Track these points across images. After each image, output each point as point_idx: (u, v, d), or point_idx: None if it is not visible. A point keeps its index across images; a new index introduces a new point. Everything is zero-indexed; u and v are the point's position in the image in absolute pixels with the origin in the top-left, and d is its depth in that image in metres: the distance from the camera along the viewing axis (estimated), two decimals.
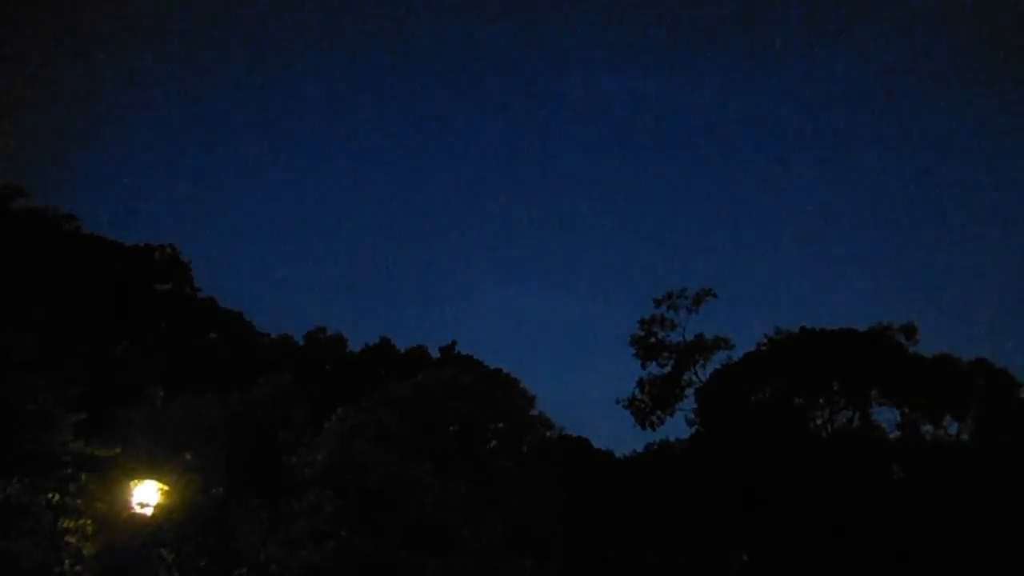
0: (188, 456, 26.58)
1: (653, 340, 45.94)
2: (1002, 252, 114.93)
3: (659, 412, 45.39)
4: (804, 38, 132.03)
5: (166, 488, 22.32)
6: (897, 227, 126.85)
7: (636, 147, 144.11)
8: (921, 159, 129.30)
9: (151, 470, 23.03)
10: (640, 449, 45.35)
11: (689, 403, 45.13)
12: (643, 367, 45.96)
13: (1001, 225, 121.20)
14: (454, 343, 48.21)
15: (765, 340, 44.29)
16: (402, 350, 47.20)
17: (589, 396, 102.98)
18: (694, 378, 45.37)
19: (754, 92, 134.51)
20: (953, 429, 40.44)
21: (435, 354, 47.52)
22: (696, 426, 44.49)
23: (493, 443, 35.68)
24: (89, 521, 22.58)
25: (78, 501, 22.71)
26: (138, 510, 21.14)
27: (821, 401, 42.17)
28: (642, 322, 46.30)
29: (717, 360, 44.98)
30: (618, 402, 45.72)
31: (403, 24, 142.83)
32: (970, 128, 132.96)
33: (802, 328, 43.81)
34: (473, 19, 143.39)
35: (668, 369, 45.70)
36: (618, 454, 46.77)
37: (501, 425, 36.37)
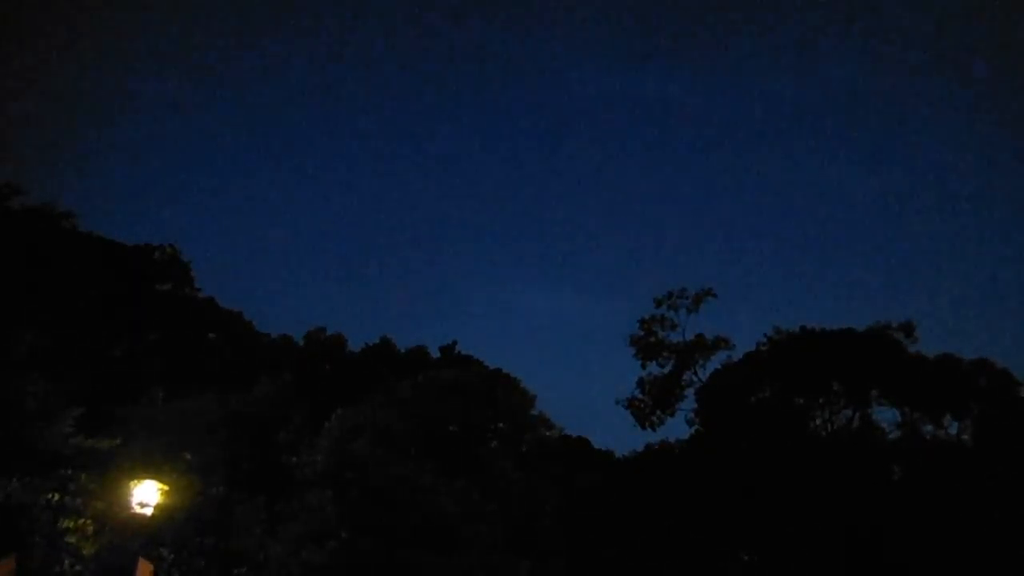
0: (188, 456, 26.58)
1: (653, 340, 45.87)
2: (1002, 252, 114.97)
3: (659, 412, 45.32)
4: (805, 39, 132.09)
5: (166, 488, 22.23)
6: (897, 227, 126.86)
7: (636, 147, 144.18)
8: (922, 159, 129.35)
9: (151, 470, 22.97)
10: (640, 449, 45.38)
11: (689, 403, 45.12)
12: (643, 367, 45.90)
13: (1001, 225, 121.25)
14: (454, 343, 48.23)
15: (765, 340, 44.26)
16: (402, 350, 47.19)
17: (589, 396, 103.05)
18: (694, 378, 45.32)
19: (755, 92, 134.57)
20: (953, 429, 40.42)
21: (435, 354, 47.51)
22: (696, 426, 44.45)
23: (493, 443, 35.69)
24: (89, 521, 22.55)
25: (78, 501, 22.68)
26: (138, 510, 21.05)
27: (821, 401, 42.11)
28: (642, 322, 46.24)
29: (717, 360, 44.95)
30: (618, 402, 45.67)
31: (402, 24, 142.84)
32: (971, 128, 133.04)
33: (802, 328, 43.78)
34: (473, 20, 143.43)
35: (668, 369, 45.65)
36: (618, 454, 46.82)
37: (501, 425, 36.38)
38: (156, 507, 21.40)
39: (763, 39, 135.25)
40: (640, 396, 45.64)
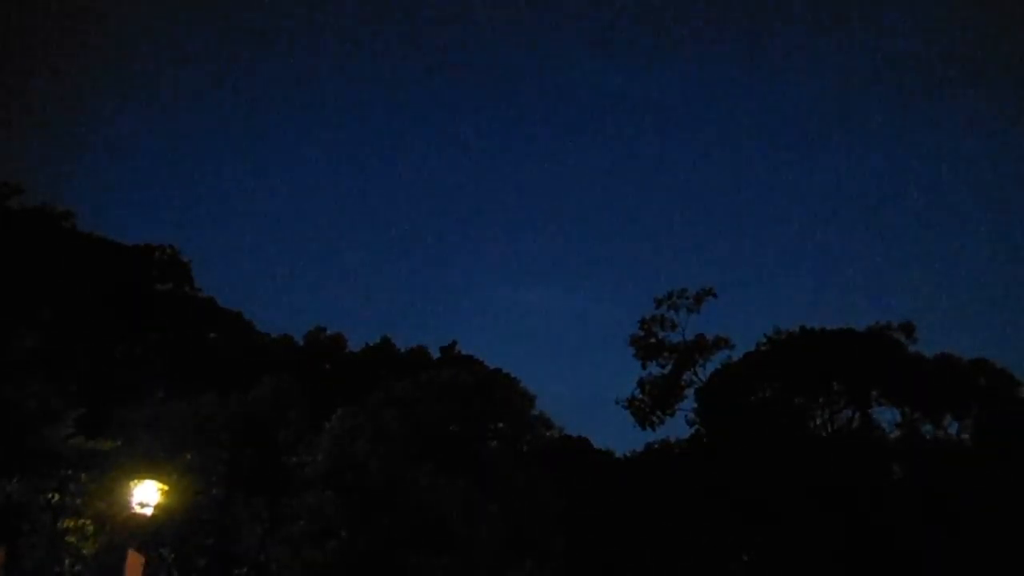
0: (188, 456, 26.60)
1: (653, 340, 45.89)
2: (1002, 252, 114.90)
3: (659, 412, 45.33)
4: (804, 36, 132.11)
5: (166, 488, 22.25)
6: (897, 227, 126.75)
7: (637, 146, 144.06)
8: (921, 159, 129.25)
9: (151, 470, 22.99)
10: (640, 449, 45.40)
11: (689, 403, 45.14)
12: (643, 367, 45.94)
13: (1001, 225, 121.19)
14: (454, 343, 48.24)
15: (765, 340, 44.28)
16: (402, 350, 47.18)
17: (589, 396, 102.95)
18: (694, 378, 45.34)
19: (755, 91, 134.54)
20: (953, 429, 40.46)
21: (435, 354, 47.51)
22: (696, 426, 44.49)
23: (493, 443, 35.68)
24: (89, 521, 22.58)
25: (78, 501, 22.72)
26: (138, 510, 21.05)
27: (821, 401, 42.14)
28: (642, 322, 46.27)
29: (717, 360, 44.98)
30: (618, 402, 45.70)
31: (402, 25, 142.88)
32: (971, 127, 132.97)
33: (802, 328, 43.80)
34: (473, 18, 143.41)
35: (668, 369, 45.66)
36: (618, 454, 46.82)
37: (501, 425, 36.37)
38: (156, 507, 21.40)
39: (764, 39, 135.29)
40: (640, 396, 45.66)
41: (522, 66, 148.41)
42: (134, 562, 19.73)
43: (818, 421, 42.11)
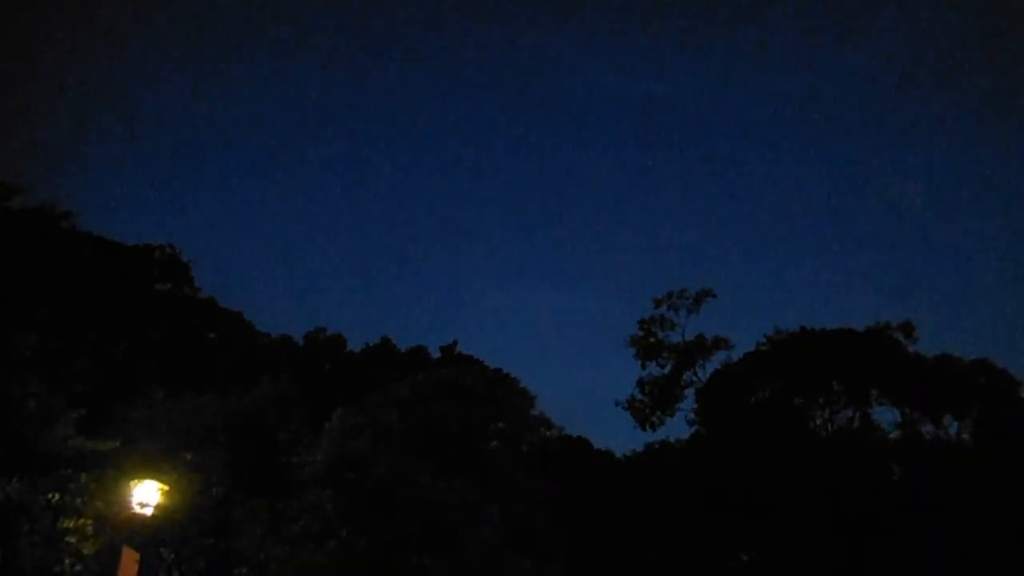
0: (188, 456, 26.57)
1: (653, 340, 45.98)
2: (1001, 252, 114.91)
3: (659, 412, 45.41)
4: (803, 37, 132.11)
5: (166, 488, 22.20)
6: (896, 227, 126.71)
7: (636, 146, 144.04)
8: (920, 158, 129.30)
9: (151, 470, 22.95)
10: (640, 449, 45.44)
11: (689, 403, 45.21)
12: (643, 367, 46.04)
13: (1001, 224, 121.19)
14: (454, 343, 48.29)
15: (765, 340, 44.34)
16: (402, 350, 47.24)
17: (589, 396, 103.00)
18: (694, 378, 45.44)
19: (754, 91, 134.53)
20: (953, 429, 40.49)
21: (435, 354, 47.56)
22: (696, 426, 44.53)
23: (493, 443, 35.70)
24: (89, 521, 22.56)
25: (78, 501, 22.68)
26: (138, 510, 21.01)
27: (821, 401, 42.17)
28: (642, 322, 46.36)
29: (717, 360, 45.09)
30: (618, 403, 45.78)
31: (403, 23, 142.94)
32: (970, 128, 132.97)
33: (802, 328, 43.87)
34: (473, 18, 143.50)
35: (668, 369, 45.74)
36: (618, 454, 46.86)
37: (501, 425, 36.40)
38: (156, 507, 21.35)
39: (764, 38, 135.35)
40: (640, 396, 45.75)
41: (522, 66, 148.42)
42: (129, 559, 19.68)
43: (818, 421, 42.14)
